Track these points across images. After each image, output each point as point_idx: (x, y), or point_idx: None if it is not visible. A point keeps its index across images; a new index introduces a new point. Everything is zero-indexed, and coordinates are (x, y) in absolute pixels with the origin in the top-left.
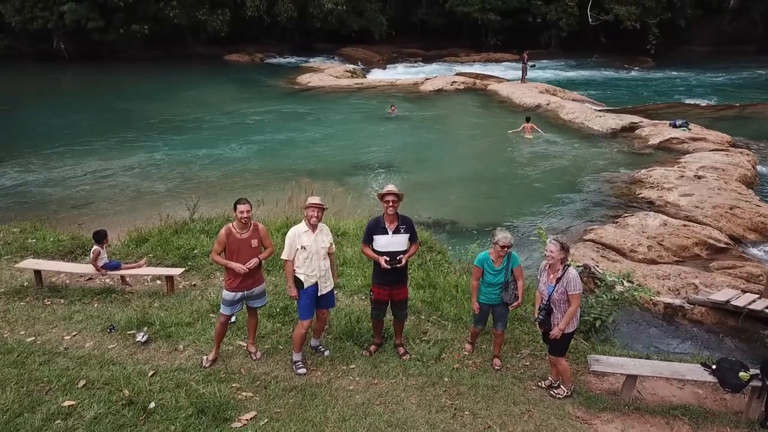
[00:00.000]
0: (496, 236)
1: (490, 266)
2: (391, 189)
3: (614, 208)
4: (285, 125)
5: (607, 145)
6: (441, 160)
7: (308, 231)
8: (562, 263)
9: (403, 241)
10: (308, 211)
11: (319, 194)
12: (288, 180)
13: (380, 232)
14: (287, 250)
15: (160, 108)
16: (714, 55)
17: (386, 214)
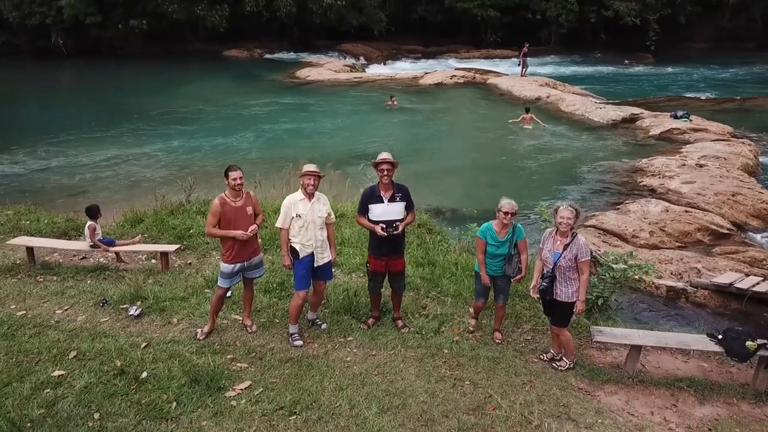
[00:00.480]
0: (500, 203)
1: (493, 237)
2: (386, 157)
3: (615, 196)
4: (283, 117)
5: (608, 136)
6: (441, 150)
7: (304, 199)
8: (571, 230)
9: (400, 210)
10: (304, 179)
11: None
12: (287, 168)
13: (375, 200)
14: (282, 217)
15: (159, 102)
16: (714, 52)
17: (381, 183)
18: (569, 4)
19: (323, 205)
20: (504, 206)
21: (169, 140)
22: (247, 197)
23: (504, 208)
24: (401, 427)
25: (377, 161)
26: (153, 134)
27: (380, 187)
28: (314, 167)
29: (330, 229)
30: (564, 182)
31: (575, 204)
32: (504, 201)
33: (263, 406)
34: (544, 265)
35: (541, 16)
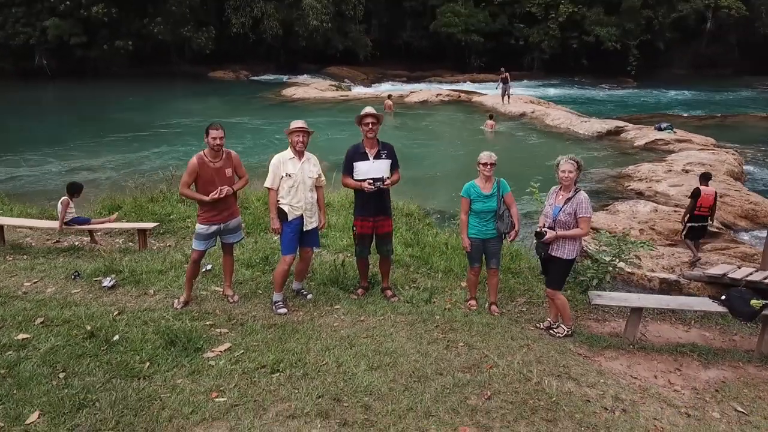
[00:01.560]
0: (479, 156)
1: (477, 192)
2: (370, 110)
3: (604, 199)
4: (267, 131)
5: (593, 147)
6: (428, 158)
7: (294, 158)
8: (574, 184)
9: (385, 168)
10: (293, 137)
11: None
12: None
13: (360, 158)
14: (270, 177)
15: (142, 118)
16: (692, 77)
17: (366, 139)
18: (551, 30)
19: (314, 166)
20: (482, 157)
21: (151, 150)
22: (227, 158)
23: (482, 159)
24: (392, 383)
25: (361, 115)
26: (135, 146)
27: (365, 143)
28: (303, 122)
29: (320, 192)
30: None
31: (576, 157)
32: (482, 153)
33: (244, 365)
34: (545, 220)
35: (524, 41)
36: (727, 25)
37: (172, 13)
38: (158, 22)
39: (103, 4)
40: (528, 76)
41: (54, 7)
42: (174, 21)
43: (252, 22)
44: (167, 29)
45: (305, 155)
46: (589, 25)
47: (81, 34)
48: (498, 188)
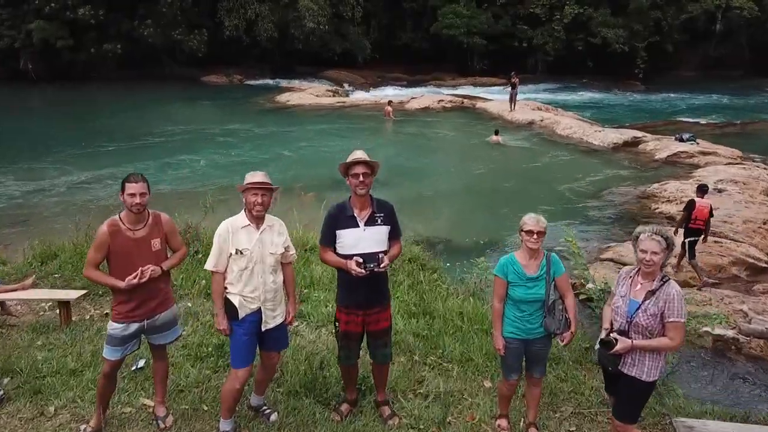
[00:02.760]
0: (523, 220)
1: (519, 273)
2: (360, 156)
3: (629, 224)
4: (258, 141)
5: (610, 160)
6: (430, 174)
7: (249, 226)
8: (661, 270)
9: (382, 237)
10: (248, 195)
11: (284, 201)
12: None
13: (346, 223)
14: (214, 255)
15: (126, 125)
16: (701, 80)
17: (354, 196)
18: (556, 32)
19: (278, 236)
20: (527, 223)
21: (130, 165)
22: (154, 223)
23: (527, 225)
24: None
25: (348, 162)
26: (114, 159)
27: (353, 202)
28: (262, 175)
29: (288, 271)
30: (568, 209)
31: (664, 230)
32: (528, 217)
33: None
34: (614, 318)
35: (527, 44)
36: (738, 26)
37: (162, 15)
38: (148, 24)
39: (90, 6)
40: (531, 79)
41: (39, 9)
42: (164, 23)
43: (246, 24)
44: (157, 32)
45: (266, 221)
46: (596, 26)
47: (67, 37)
48: (548, 267)
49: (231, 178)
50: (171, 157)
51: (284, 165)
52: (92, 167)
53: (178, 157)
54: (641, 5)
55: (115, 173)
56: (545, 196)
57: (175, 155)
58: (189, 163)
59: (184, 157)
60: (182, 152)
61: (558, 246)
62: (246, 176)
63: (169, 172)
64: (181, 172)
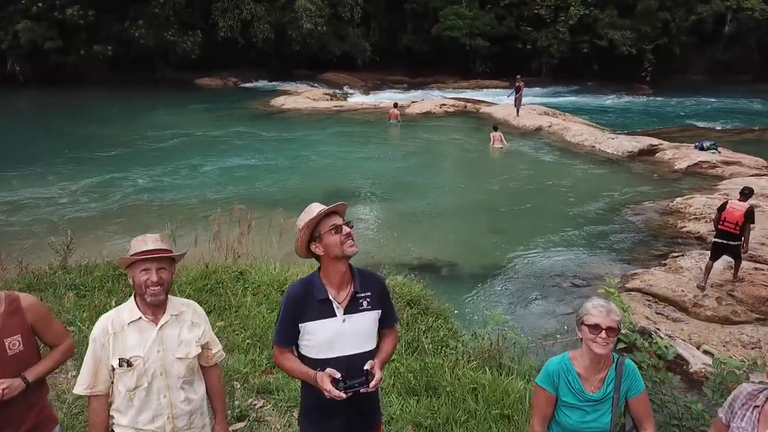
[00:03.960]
0: (585, 308)
1: (575, 389)
2: (329, 208)
3: (655, 246)
4: (248, 149)
5: (626, 170)
6: (432, 187)
7: (141, 320)
8: None
9: (369, 329)
10: (135, 273)
11: (261, 226)
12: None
13: (316, 312)
14: (87, 371)
15: (112, 131)
16: (710, 84)
17: (328, 268)
18: (561, 34)
19: (190, 329)
20: (593, 314)
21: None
22: (9, 314)
23: (592, 318)
24: None
25: (312, 218)
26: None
27: (326, 278)
28: (156, 238)
29: (214, 380)
30: (584, 227)
31: None
32: (593, 304)
33: None
34: None
35: (531, 46)
36: (747, 29)
37: (154, 16)
38: (140, 25)
39: (79, 6)
40: (535, 82)
41: (27, 9)
42: (157, 24)
43: (241, 25)
44: (149, 33)
45: (170, 308)
46: (602, 28)
47: (56, 38)
48: (617, 381)
49: (212, 190)
50: (152, 166)
51: (273, 176)
52: (69, 177)
53: (160, 166)
54: (649, 6)
55: (91, 184)
56: (557, 212)
57: (158, 164)
58: (171, 172)
59: (165, 166)
60: (165, 161)
61: (582, 283)
62: (132, 243)
63: (147, 183)
64: (162, 183)
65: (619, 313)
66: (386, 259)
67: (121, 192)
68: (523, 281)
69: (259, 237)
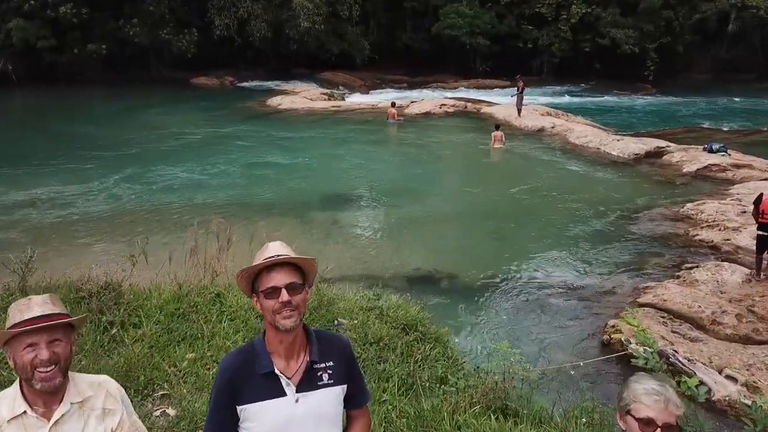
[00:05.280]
0: (635, 393)
1: None
2: (279, 252)
3: (666, 255)
4: (241, 151)
5: (632, 173)
6: (431, 190)
7: (26, 415)
8: None
9: (331, 411)
10: (18, 352)
11: (244, 240)
12: (215, 213)
13: (260, 391)
14: None
15: (106, 133)
16: (714, 83)
17: (274, 334)
18: (562, 32)
19: (99, 422)
20: (645, 403)
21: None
22: None
23: (645, 410)
24: None
25: (259, 265)
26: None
27: (271, 346)
28: (44, 302)
29: None
30: (590, 234)
31: None
32: (644, 389)
33: None
34: None
35: (532, 45)
36: (752, 27)
37: (149, 14)
38: (134, 23)
39: (72, 4)
40: (536, 81)
41: (19, 7)
42: (152, 22)
43: (237, 23)
44: (144, 31)
45: (69, 393)
46: (604, 26)
47: (49, 36)
48: None
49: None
50: (138, 170)
51: (266, 180)
52: (48, 181)
53: (146, 169)
54: (653, 4)
55: (77, 190)
56: (562, 218)
57: (145, 168)
58: (157, 177)
59: (152, 170)
60: (152, 164)
61: (591, 297)
62: (10, 310)
63: (130, 188)
64: (145, 188)
65: (680, 404)
66: (383, 270)
67: (101, 198)
68: (527, 296)
69: (241, 251)
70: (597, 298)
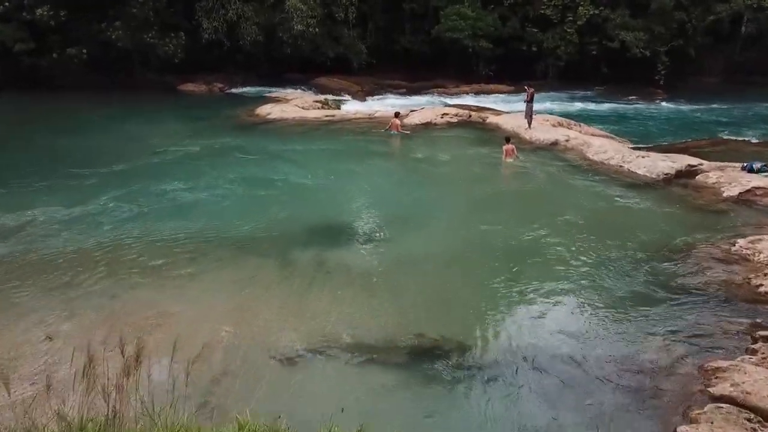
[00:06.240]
0: None
1: None
2: None
3: (728, 316)
4: (221, 170)
5: (664, 197)
6: (439, 221)
7: None
8: None
9: None
10: None
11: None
12: (181, 254)
13: None
14: None
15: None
16: (727, 87)
17: None
18: (569, 35)
19: None
20: None
21: (54, 206)
22: None
23: None
24: None
25: None
26: (40, 193)
27: None
28: None
29: None
30: (628, 285)
31: None
32: None
33: None
34: None
35: (537, 48)
36: (766, 28)
37: (133, 17)
38: (117, 26)
39: (49, 6)
40: (541, 86)
41: None
42: (135, 25)
43: (227, 26)
44: (128, 35)
45: None
46: (613, 28)
47: (27, 39)
48: None
49: (154, 233)
50: (91, 194)
51: (241, 208)
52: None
53: (102, 193)
54: (664, 5)
55: (26, 218)
56: (589, 260)
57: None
58: (110, 204)
59: (108, 194)
60: (124, 185)
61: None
62: None
63: (67, 220)
64: (88, 221)
65: None
66: (376, 338)
67: (24, 235)
68: (560, 381)
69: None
70: (652, 385)
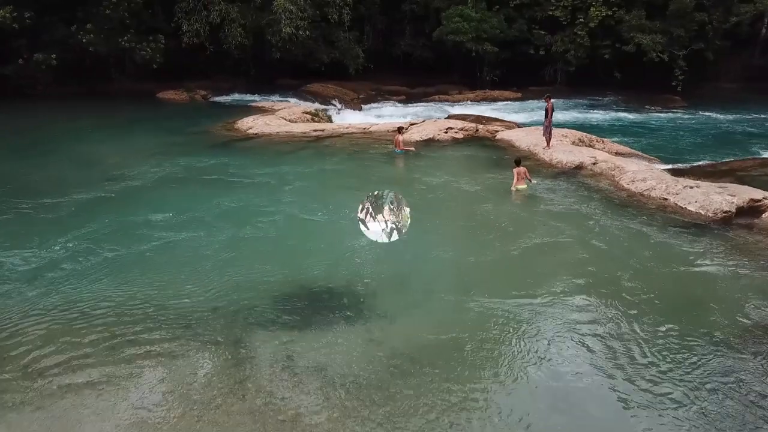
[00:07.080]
0: None
1: None
2: None
3: None
4: (183, 203)
5: (725, 243)
6: (444, 282)
7: None
8: None
9: None
10: None
11: None
12: (91, 343)
13: None
14: None
15: (31, 170)
16: (747, 93)
17: None
18: (579, 38)
19: None
20: None
21: None
22: None
23: None
24: None
25: None
26: None
27: None
28: None
29: None
30: (697, 387)
31: None
32: None
33: None
34: None
35: (545, 51)
36: None
37: (106, 19)
38: (88, 29)
39: (13, 7)
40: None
41: None
42: (109, 28)
43: (209, 29)
44: (101, 38)
45: None
46: (628, 31)
47: None
48: None
49: (83, 295)
50: (24, 237)
51: (195, 265)
52: None
53: (41, 236)
54: (685, 5)
55: None
56: (643, 341)
57: (43, 232)
58: (40, 250)
59: (48, 239)
60: (58, 224)
61: None
62: None
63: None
64: (27, 268)
65: None
66: None
67: None
68: None
69: None
70: None
